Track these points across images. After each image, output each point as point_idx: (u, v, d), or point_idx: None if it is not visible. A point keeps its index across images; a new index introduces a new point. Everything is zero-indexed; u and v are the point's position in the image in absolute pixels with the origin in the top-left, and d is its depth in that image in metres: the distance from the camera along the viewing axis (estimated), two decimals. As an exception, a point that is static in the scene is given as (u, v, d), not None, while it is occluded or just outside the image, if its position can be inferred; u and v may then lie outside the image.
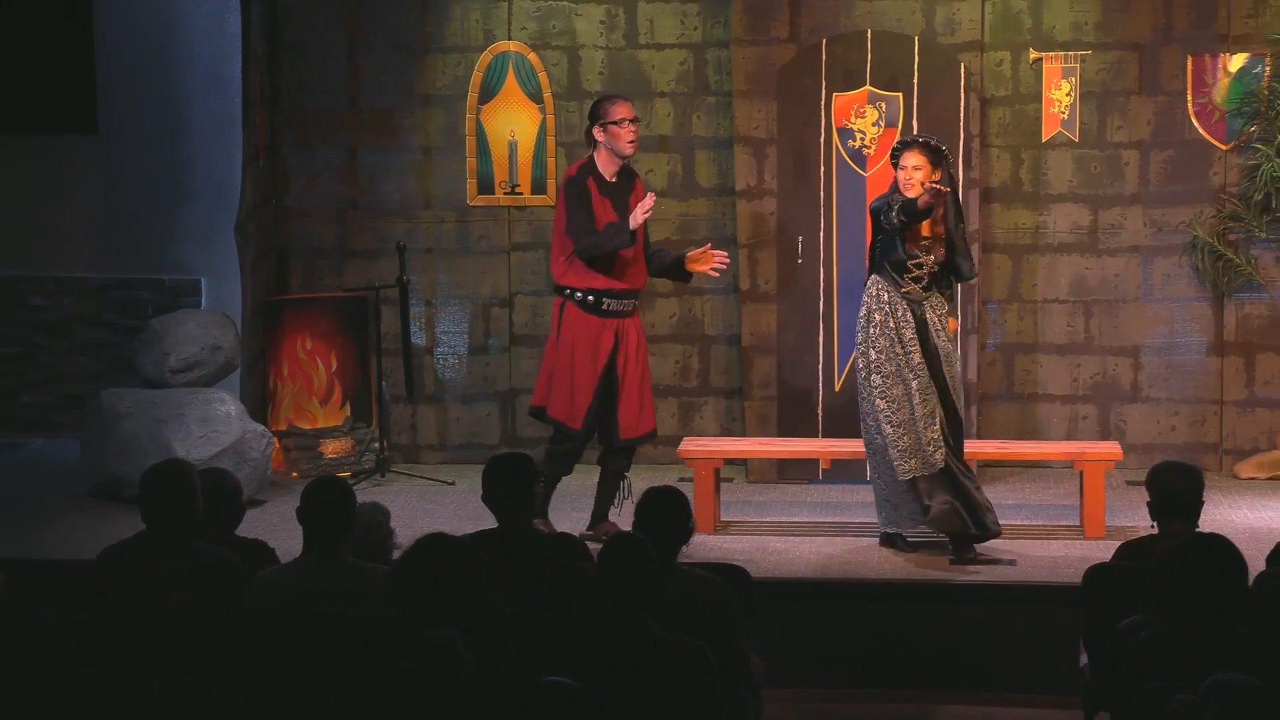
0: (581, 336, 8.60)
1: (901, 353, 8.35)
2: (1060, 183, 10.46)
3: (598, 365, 8.61)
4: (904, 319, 8.36)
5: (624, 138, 8.61)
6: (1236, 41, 10.24)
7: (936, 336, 8.36)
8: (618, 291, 8.63)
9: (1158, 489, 6.46)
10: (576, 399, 8.61)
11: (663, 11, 10.70)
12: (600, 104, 8.75)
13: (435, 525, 8.47)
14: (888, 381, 8.37)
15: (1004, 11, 10.40)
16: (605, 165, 8.68)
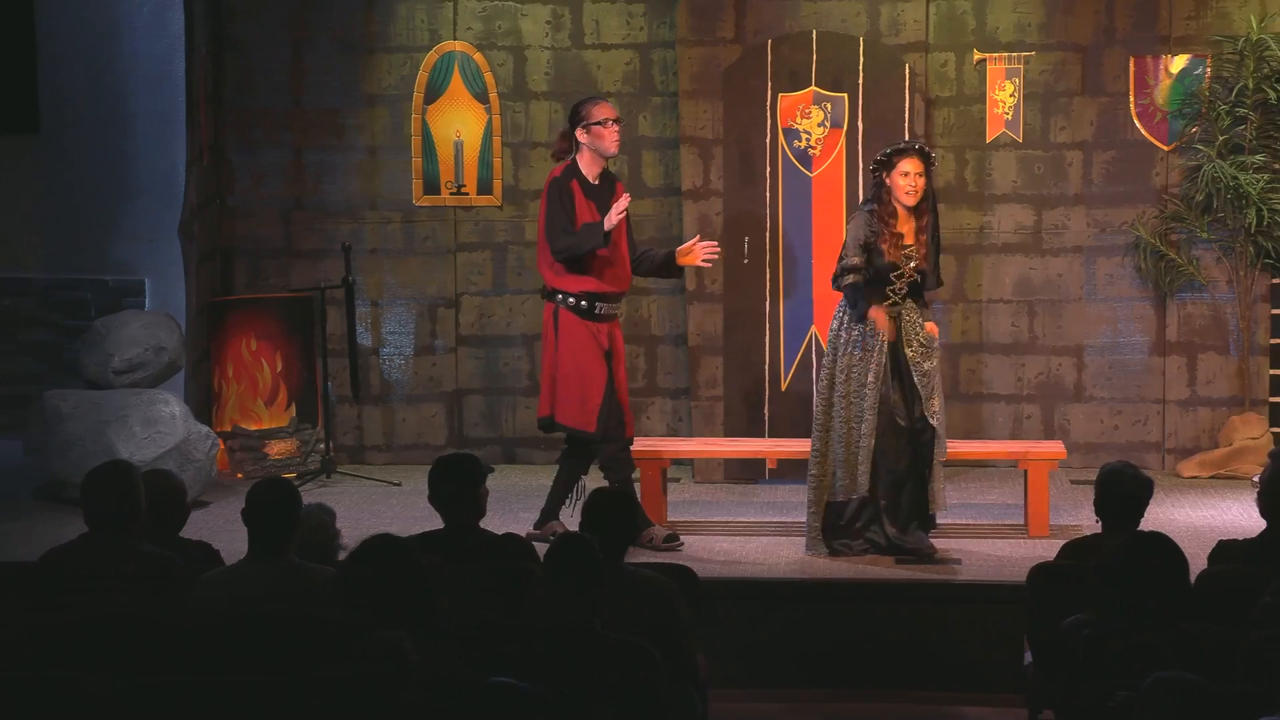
0: (582, 341, 8.55)
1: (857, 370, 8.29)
2: (1004, 183, 10.51)
3: (604, 367, 8.56)
4: (871, 331, 8.30)
5: (609, 138, 8.57)
6: (1178, 43, 10.32)
7: (907, 345, 8.29)
8: (609, 295, 8.60)
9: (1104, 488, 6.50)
10: (588, 402, 8.55)
11: (608, 12, 10.70)
12: (582, 106, 8.68)
13: (381, 526, 8.44)
14: (847, 398, 8.33)
15: (948, 13, 10.45)
16: (588, 167, 8.62)
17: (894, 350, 8.31)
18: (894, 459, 8.25)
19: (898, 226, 8.26)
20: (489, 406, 10.90)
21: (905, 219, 8.29)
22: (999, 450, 9.69)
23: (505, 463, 10.65)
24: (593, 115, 8.57)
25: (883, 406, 8.24)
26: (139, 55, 10.34)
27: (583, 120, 8.58)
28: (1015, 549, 8.54)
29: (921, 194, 8.26)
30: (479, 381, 10.90)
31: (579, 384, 8.54)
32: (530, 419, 10.84)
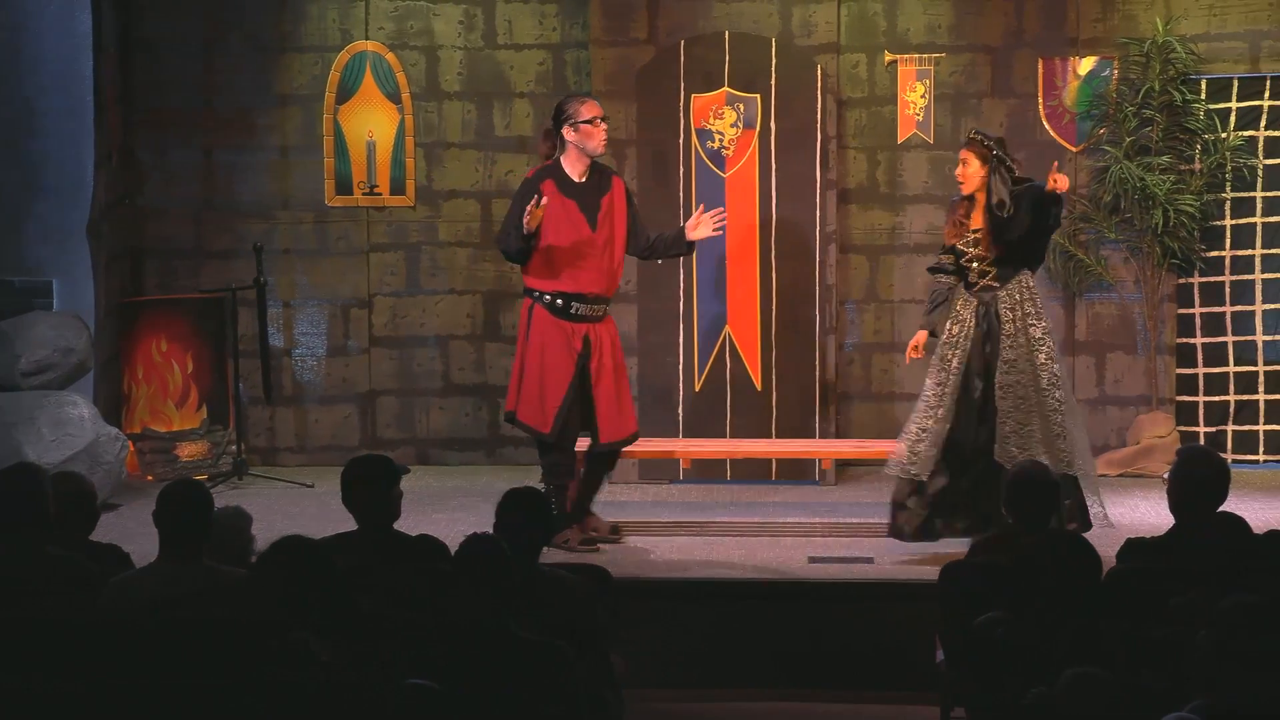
0: (552, 340, 8.47)
1: (948, 357, 8.35)
2: (915, 184, 10.58)
3: (570, 369, 8.46)
4: (958, 316, 8.37)
5: (597, 137, 8.50)
6: (1086, 45, 10.42)
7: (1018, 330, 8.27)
8: (587, 296, 8.49)
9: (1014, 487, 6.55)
10: (546, 403, 8.46)
11: (521, 12, 10.69)
12: (569, 104, 8.60)
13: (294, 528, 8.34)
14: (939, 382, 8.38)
15: (859, 14, 10.50)
16: (573, 165, 8.54)
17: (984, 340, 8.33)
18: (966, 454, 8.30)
19: (964, 214, 8.37)
20: (403, 408, 10.86)
21: (975, 208, 8.36)
22: (911, 449, 9.73)
23: (419, 464, 10.62)
24: (580, 114, 8.50)
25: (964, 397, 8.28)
26: (46, 55, 10.23)
27: (569, 118, 8.50)
28: (926, 547, 8.58)
29: (978, 183, 8.29)
30: (392, 382, 10.86)
31: (540, 383, 8.48)
32: (444, 420, 10.84)
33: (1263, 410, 10.48)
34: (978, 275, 8.36)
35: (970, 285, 8.39)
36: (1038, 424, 8.20)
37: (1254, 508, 9.02)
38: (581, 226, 8.48)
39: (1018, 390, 8.24)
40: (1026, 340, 8.27)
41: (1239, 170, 10.33)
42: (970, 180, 8.33)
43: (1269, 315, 10.46)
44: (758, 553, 8.57)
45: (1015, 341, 8.28)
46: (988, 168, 8.30)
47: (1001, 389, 8.26)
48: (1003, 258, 8.33)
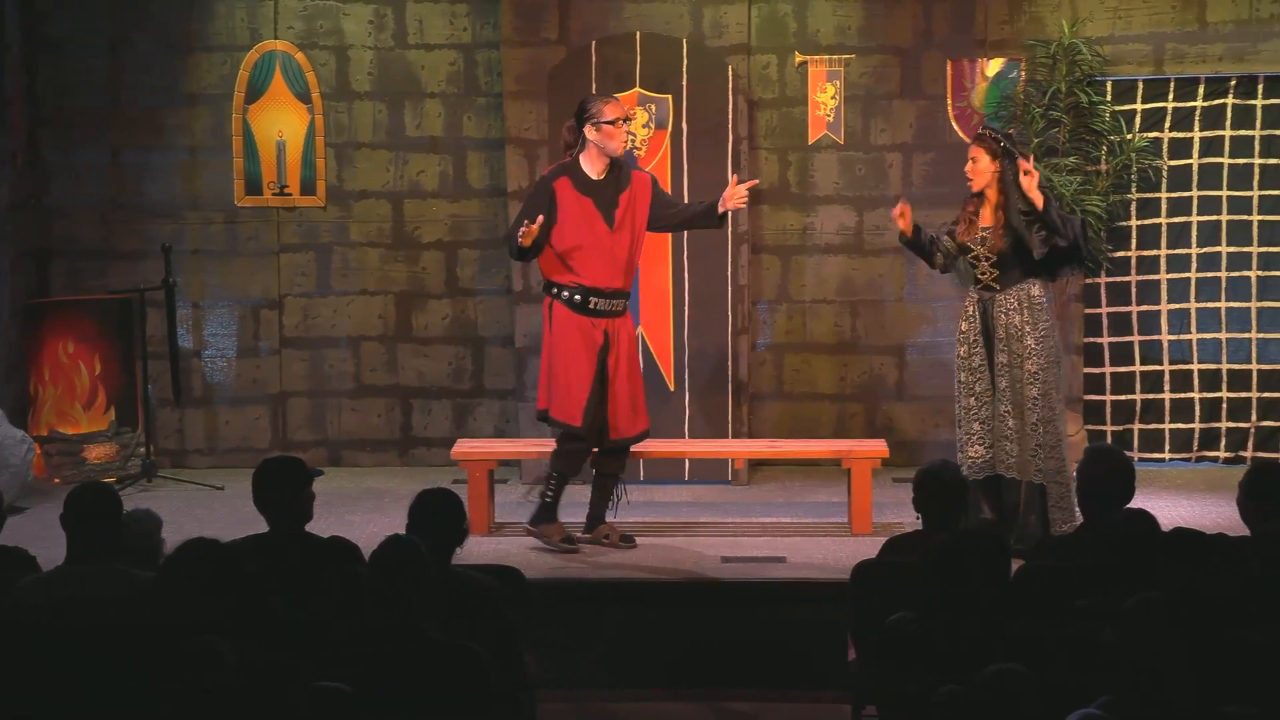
0: (573, 335, 8.46)
1: (965, 355, 8.41)
2: (826, 184, 10.64)
3: (593, 363, 8.46)
4: (970, 316, 8.43)
5: (618, 138, 8.47)
6: (993, 47, 10.51)
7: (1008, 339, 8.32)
8: (606, 291, 8.48)
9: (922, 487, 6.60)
10: (574, 396, 8.46)
11: (432, 12, 10.66)
12: (591, 103, 8.57)
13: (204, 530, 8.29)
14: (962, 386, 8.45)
15: (769, 15, 10.54)
16: (592, 163, 8.51)
17: (991, 339, 8.38)
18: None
19: (974, 211, 8.39)
20: (314, 409, 10.81)
21: (985, 204, 8.38)
22: (823, 449, 9.79)
23: (331, 465, 10.58)
24: (604, 114, 8.46)
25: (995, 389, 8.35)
26: (-50, 52, 10.12)
27: (592, 118, 8.47)
28: (839, 547, 8.64)
29: (988, 179, 8.31)
30: (304, 384, 10.81)
31: (566, 378, 8.47)
32: (356, 421, 10.79)
33: (1168, 409, 10.61)
34: (982, 274, 8.40)
35: (976, 282, 8.44)
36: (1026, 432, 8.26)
37: (1160, 506, 9.12)
38: (597, 223, 8.47)
39: (1008, 396, 8.30)
40: (1021, 348, 8.32)
41: (1144, 171, 10.45)
42: (980, 176, 8.35)
43: (1174, 315, 10.59)
44: (671, 553, 8.59)
45: (1009, 348, 8.33)
46: (999, 163, 8.33)
47: (998, 393, 8.33)
48: (1006, 262, 8.35)
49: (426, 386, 10.81)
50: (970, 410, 8.41)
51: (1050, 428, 8.30)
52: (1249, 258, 10.53)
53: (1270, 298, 10.54)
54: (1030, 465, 8.27)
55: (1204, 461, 10.60)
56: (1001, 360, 8.34)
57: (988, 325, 8.38)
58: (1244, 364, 10.56)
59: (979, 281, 8.43)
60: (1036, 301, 8.37)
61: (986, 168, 8.35)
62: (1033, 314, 8.34)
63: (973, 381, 8.40)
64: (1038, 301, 8.37)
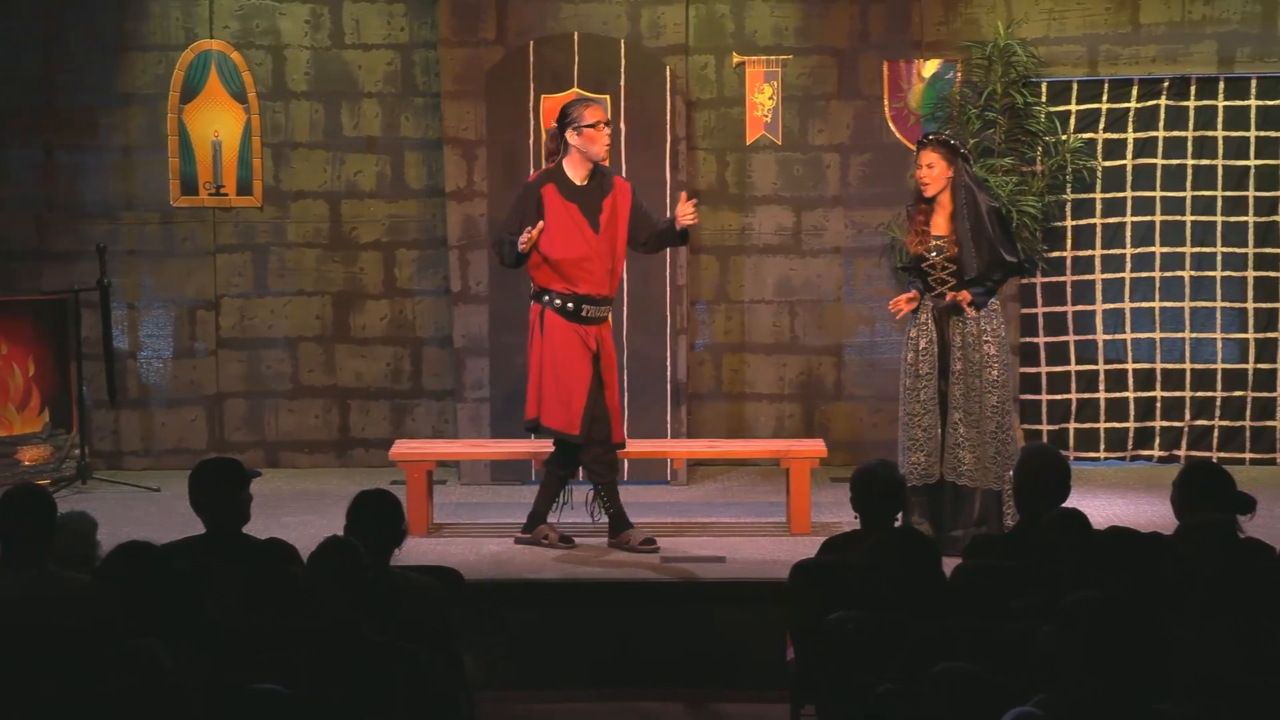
0: (566, 343, 8.44)
1: (912, 361, 8.37)
2: (764, 185, 10.67)
3: (588, 370, 8.44)
4: (922, 326, 8.37)
5: (600, 141, 8.45)
6: (929, 48, 10.56)
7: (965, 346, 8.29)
8: (594, 298, 8.46)
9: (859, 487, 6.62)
10: (573, 405, 8.43)
11: (368, 12, 10.63)
12: (572, 108, 8.55)
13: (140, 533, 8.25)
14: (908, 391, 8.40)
15: (707, 16, 10.56)
16: (575, 169, 8.49)
17: (944, 347, 8.35)
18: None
19: (925, 220, 8.33)
20: (251, 410, 10.76)
21: (936, 211, 8.33)
22: (761, 449, 9.82)
23: (269, 466, 10.54)
24: (584, 118, 8.45)
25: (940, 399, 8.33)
26: (-120, 51, 10.03)
27: (573, 123, 8.46)
28: (778, 546, 8.66)
29: (943, 184, 8.28)
30: (241, 385, 10.76)
31: (563, 387, 8.45)
32: (294, 422, 10.75)
33: (1103, 408, 10.69)
34: (936, 283, 8.36)
35: (929, 290, 8.41)
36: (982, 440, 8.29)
37: (1095, 504, 9.19)
38: (584, 229, 8.46)
39: (964, 404, 8.31)
40: (979, 357, 8.30)
41: (1079, 172, 10.52)
42: (936, 182, 8.30)
43: (1109, 315, 10.67)
44: (610, 553, 8.60)
45: (966, 355, 8.32)
46: (954, 169, 8.32)
47: (951, 400, 8.33)
48: (963, 270, 8.32)
49: (364, 387, 10.78)
50: (915, 416, 8.39)
51: (1007, 435, 8.34)
52: (1182, 258, 10.62)
53: (1203, 298, 10.63)
54: (989, 473, 8.29)
55: (1138, 460, 10.69)
56: (957, 368, 8.32)
57: (943, 332, 8.37)
58: (1178, 363, 10.65)
59: (932, 289, 8.40)
60: (992, 308, 8.39)
61: (943, 173, 8.32)
62: (990, 321, 8.35)
63: (919, 388, 8.38)
64: (993, 308, 8.39)
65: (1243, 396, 10.62)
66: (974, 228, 8.25)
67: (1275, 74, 10.50)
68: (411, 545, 8.14)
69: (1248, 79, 10.52)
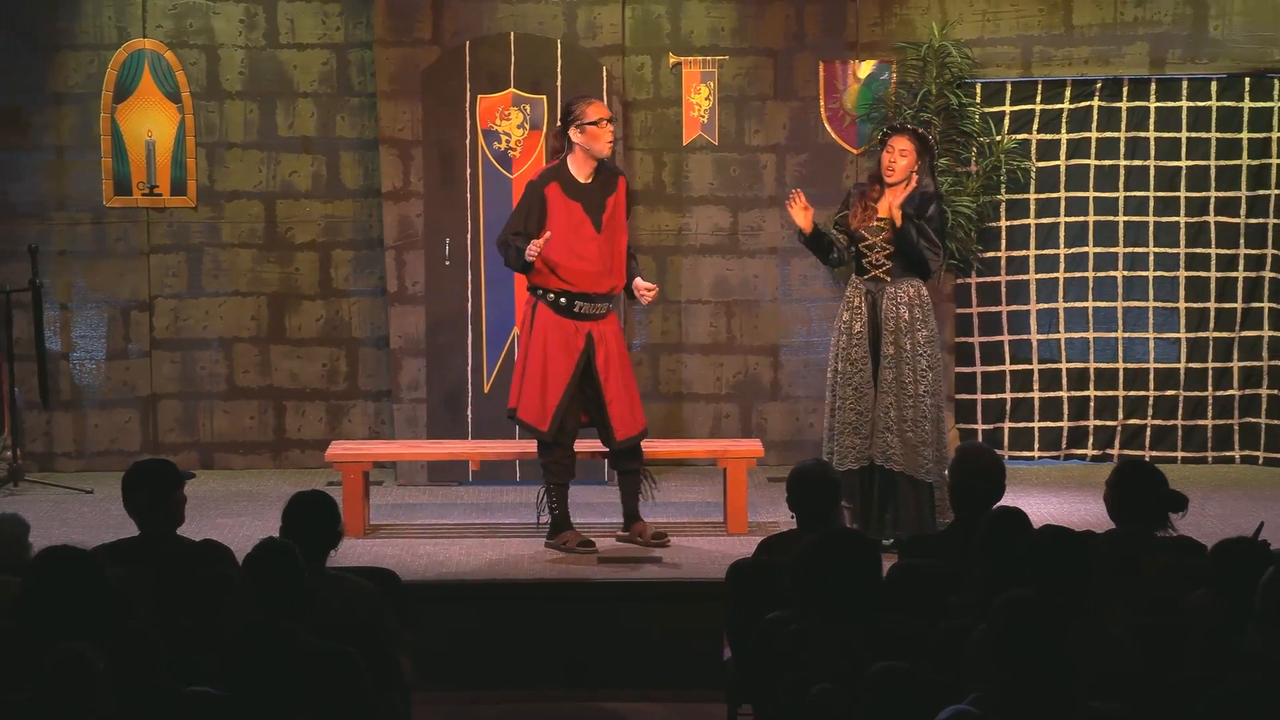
0: (553, 337, 8.42)
1: (844, 345, 8.39)
2: (701, 185, 10.68)
3: (570, 367, 8.42)
4: (855, 309, 8.40)
5: (602, 138, 8.43)
6: (864, 49, 10.60)
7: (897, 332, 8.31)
8: (591, 295, 8.43)
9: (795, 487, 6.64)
10: (547, 400, 8.42)
11: (303, 11, 10.58)
12: (575, 105, 8.54)
13: (73, 535, 8.23)
14: (839, 375, 8.43)
15: (643, 16, 10.57)
16: (579, 167, 8.47)
17: (877, 334, 8.37)
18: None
19: (875, 200, 8.37)
20: (185, 411, 10.70)
21: (888, 195, 8.37)
22: (698, 449, 9.83)
23: (203, 468, 10.48)
24: (586, 115, 8.44)
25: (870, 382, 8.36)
26: None
27: (576, 120, 8.45)
28: (714, 546, 8.68)
29: (907, 174, 8.32)
30: (175, 386, 10.69)
31: (541, 381, 8.43)
32: (228, 423, 10.69)
33: (1037, 407, 10.76)
34: (871, 264, 8.41)
35: (862, 272, 8.45)
36: (908, 427, 8.31)
37: (1030, 503, 9.24)
38: (585, 227, 8.45)
39: (894, 389, 8.34)
40: (911, 343, 8.34)
41: (1013, 173, 10.58)
42: (900, 171, 8.35)
43: (1043, 315, 10.73)
44: (548, 553, 8.59)
45: (898, 341, 8.35)
46: (920, 162, 8.36)
47: (881, 384, 8.36)
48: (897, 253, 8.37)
49: (300, 388, 10.74)
50: (847, 400, 8.43)
51: (937, 427, 8.37)
52: (1115, 258, 10.70)
53: (1136, 298, 10.71)
54: (917, 462, 8.33)
55: (1072, 459, 10.76)
56: (889, 353, 8.37)
57: (875, 317, 8.41)
58: (1110, 363, 10.73)
59: (866, 272, 8.45)
60: (925, 299, 8.44)
61: (911, 163, 8.37)
62: (923, 310, 8.40)
63: (852, 372, 8.43)
64: (926, 299, 8.44)
65: (1175, 396, 10.70)
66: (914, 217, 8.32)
67: (1206, 75, 10.60)
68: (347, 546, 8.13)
69: (1179, 80, 10.61)
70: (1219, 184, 10.65)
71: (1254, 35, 10.54)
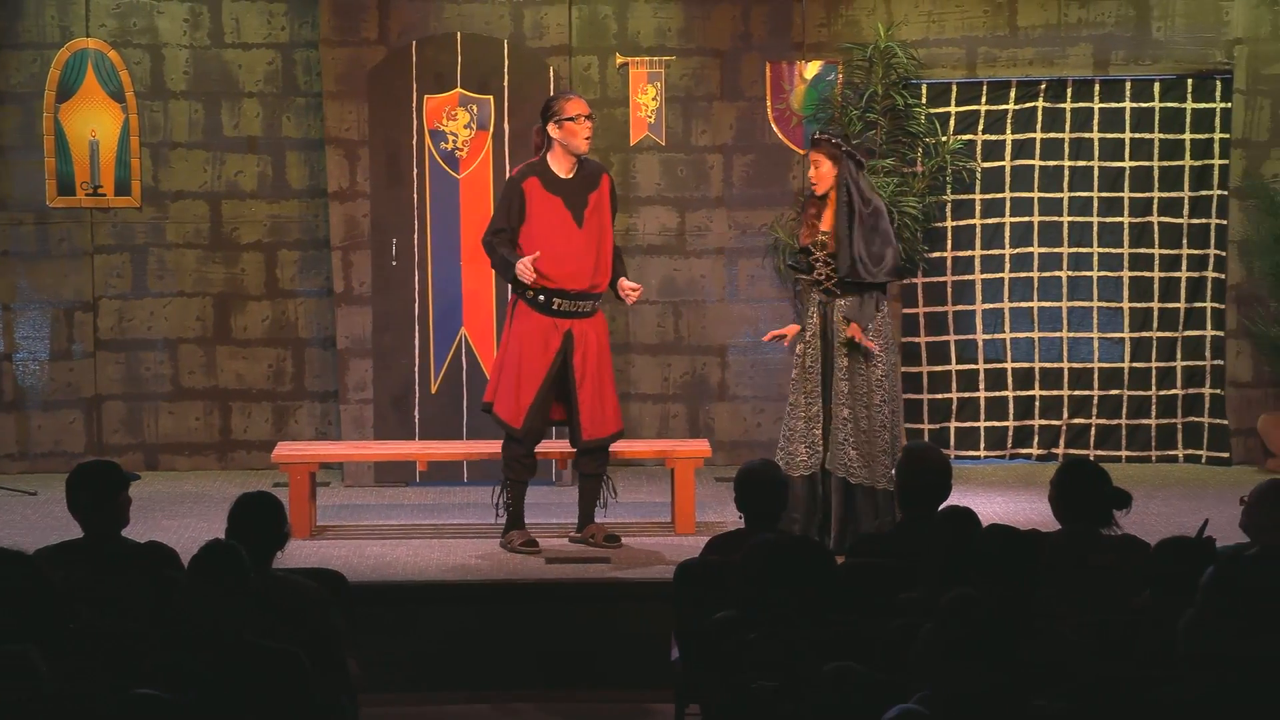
0: (530, 334, 8.39)
1: (800, 352, 8.41)
2: (648, 185, 10.69)
3: (545, 365, 8.39)
4: (809, 320, 8.44)
5: (580, 134, 8.41)
6: (811, 49, 10.63)
7: (849, 342, 8.33)
8: (571, 293, 8.39)
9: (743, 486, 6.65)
10: (521, 397, 8.39)
11: (248, 11, 10.54)
12: (554, 101, 8.52)
13: (16, 537, 8.17)
14: (793, 381, 8.45)
15: (590, 17, 10.57)
16: (559, 162, 8.45)
17: (827, 343, 8.39)
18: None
19: (817, 214, 8.42)
20: (130, 412, 10.64)
21: (826, 207, 8.40)
22: (646, 449, 9.83)
23: (148, 469, 10.42)
24: (565, 111, 8.42)
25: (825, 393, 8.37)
26: None
27: (555, 115, 8.42)
28: (662, 546, 8.68)
29: (831, 183, 8.34)
30: (119, 387, 10.63)
31: (517, 378, 8.41)
32: (174, 424, 10.64)
33: (983, 407, 10.81)
34: (820, 277, 8.43)
35: (817, 284, 8.48)
36: (864, 438, 8.32)
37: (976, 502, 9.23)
38: (567, 223, 8.42)
39: (850, 400, 8.34)
40: (865, 352, 8.35)
41: (959, 173, 10.63)
42: (824, 181, 8.38)
43: (988, 315, 10.78)
44: (495, 554, 8.58)
45: (852, 351, 8.36)
46: (839, 167, 8.38)
47: (836, 396, 8.37)
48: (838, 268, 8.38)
49: (246, 389, 10.69)
50: (797, 407, 8.47)
51: (893, 434, 8.39)
52: (1059, 258, 10.76)
53: (1080, 298, 10.77)
54: (877, 472, 8.33)
55: (1017, 459, 10.81)
56: (843, 364, 8.38)
57: (826, 328, 8.43)
58: (1055, 362, 10.79)
59: (819, 284, 8.49)
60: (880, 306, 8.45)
61: (828, 172, 8.39)
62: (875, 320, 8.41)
63: (803, 379, 8.47)
64: (881, 305, 8.45)
65: (1119, 395, 10.77)
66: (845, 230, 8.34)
67: (1149, 76, 10.67)
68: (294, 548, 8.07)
69: (1122, 81, 10.68)
70: (1162, 185, 10.72)
71: (1196, 37, 10.62)
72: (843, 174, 8.38)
